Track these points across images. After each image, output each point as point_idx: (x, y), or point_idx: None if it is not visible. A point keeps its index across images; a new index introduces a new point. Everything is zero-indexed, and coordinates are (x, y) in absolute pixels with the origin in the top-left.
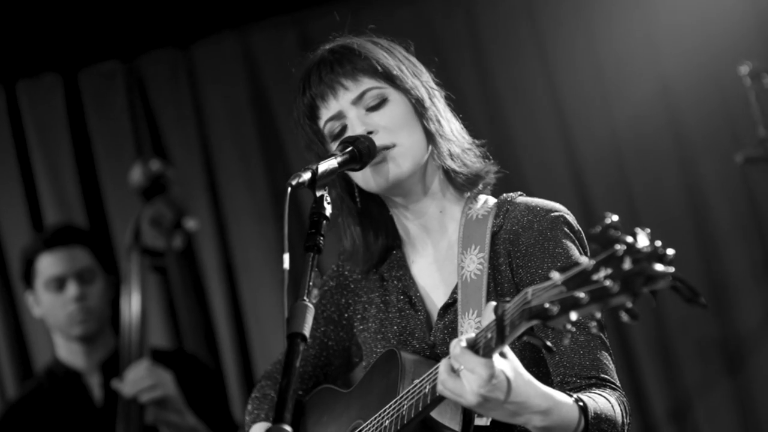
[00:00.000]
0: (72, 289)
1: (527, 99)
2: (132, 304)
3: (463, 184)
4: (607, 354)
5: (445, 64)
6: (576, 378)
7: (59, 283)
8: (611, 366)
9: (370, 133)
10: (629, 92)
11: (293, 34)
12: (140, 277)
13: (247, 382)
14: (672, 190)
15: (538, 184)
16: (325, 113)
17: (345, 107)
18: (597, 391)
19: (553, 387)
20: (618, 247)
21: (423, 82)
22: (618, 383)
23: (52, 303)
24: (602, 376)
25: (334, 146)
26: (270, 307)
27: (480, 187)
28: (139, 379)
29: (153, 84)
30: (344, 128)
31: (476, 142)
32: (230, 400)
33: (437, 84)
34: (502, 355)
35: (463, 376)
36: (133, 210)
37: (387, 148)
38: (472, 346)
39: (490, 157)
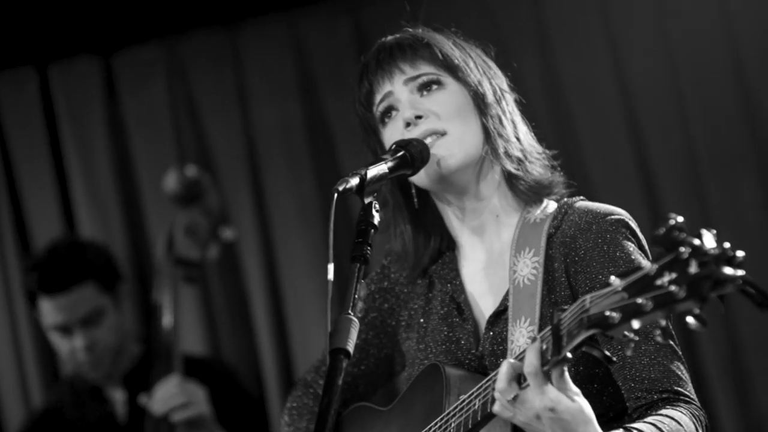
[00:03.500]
0: (78, 339)
1: (595, 94)
2: (164, 317)
3: (524, 192)
4: (679, 363)
5: (507, 55)
6: (646, 393)
7: (64, 330)
8: (684, 376)
9: (419, 117)
10: (706, 85)
11: (346, 21)
12: (173, 289)
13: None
14: (750, 194)
15: (604, 186)
16: (378, 98)
17: (397, 88)
18: (668, 411)
19: (613, 407)
20: (683, 249)
21: (492, 81)
22: (693, 395)
23: (59, 344)
24: (675, 389)
25: (385, 133)
26: (315, 317)
27: (543, 197)
28: (170, 397)
29: (195, 70)
30: (390, 108)
31: (547, 152)
32: (269, 416)
33: (511, 88)
34: (573, 396)
35: (527, 392)
36: (172, 205)
37: (435, 133)
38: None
39: (560, 169)
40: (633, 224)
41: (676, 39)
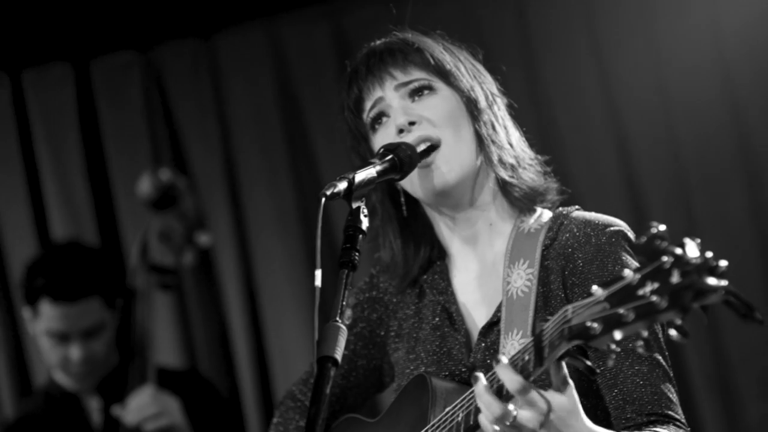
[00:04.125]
0: (76, 350)
1: (580, 103)
2: (138, 325)
3: (519, 199)
4: (670, 386)
5: (491, 64)
6: (636, 415)
7: (62, 338)
8: (675, 399)
9: (412, 123)
10: (692, 98)
11: (326, 27)
12: (147, 297)
13: (267, 408)
14: (736, 203)
15: (589, 196)
16: (369, 104)
17: (388, 94)
18: (659, 430)
19: (606, 422)
20: (665, 258)
21: (483, 86)
22: (683, 419)
23: (50, 350)
24: (666, 412)
25: (375, 139)
26: (293, 327)
27: (537, 203)
28: (143, 407)
29: (172, 77)
30: (381, 114)
31: (539, 158)
32: (246, 428)
33: (501, 92)
34: (565, 390)
35: (515, 403)
36: (146, 215)
37: (430, 141)
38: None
39: (552, 174)
40: (631, 235)
41: (663, 49)
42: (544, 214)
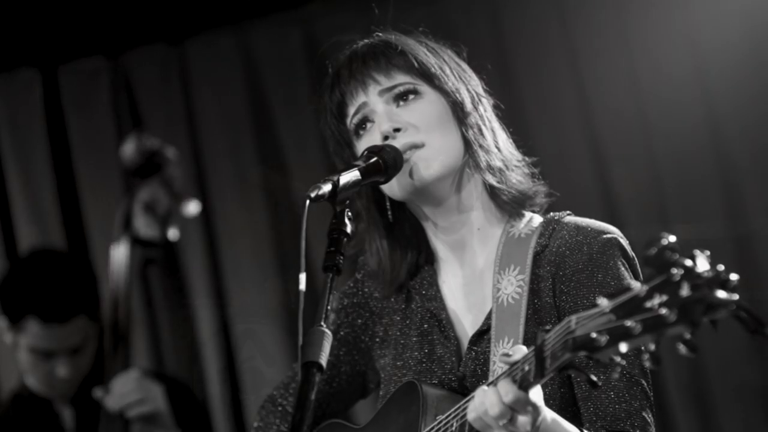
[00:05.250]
0: (62, 368)
1: (554, 110)
2: (118, 305)
3: (507, 203)
4: (647, 405)
5: (472, 64)
6: (605, 430)
7: (47, 355)
8: (650, 420)
9: (397, 130)
10: (667, 103)
11: (297, 33)
12: (130, 272)
13: (235, 412)
14: (712, 211)
15: (563, 202)
16: (352, 110)
17: (372, 100)
18: None
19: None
20: (675, 271)
21: (469, 87)
22: None
23: (33, 366)
24: None
25: (359, 145)
26: (263, 334)
27: (526, 207)
28: (127, 392)
29: (141, 84)
30: (365, 119)
31: (526, 159)
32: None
33: (487, 92)
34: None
35: (518, 418)
36: (114, 221)
37: (415, 146)
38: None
39: (540, 177)
40: (624, 243)
41: (638, 54)
42: (534, 219)
